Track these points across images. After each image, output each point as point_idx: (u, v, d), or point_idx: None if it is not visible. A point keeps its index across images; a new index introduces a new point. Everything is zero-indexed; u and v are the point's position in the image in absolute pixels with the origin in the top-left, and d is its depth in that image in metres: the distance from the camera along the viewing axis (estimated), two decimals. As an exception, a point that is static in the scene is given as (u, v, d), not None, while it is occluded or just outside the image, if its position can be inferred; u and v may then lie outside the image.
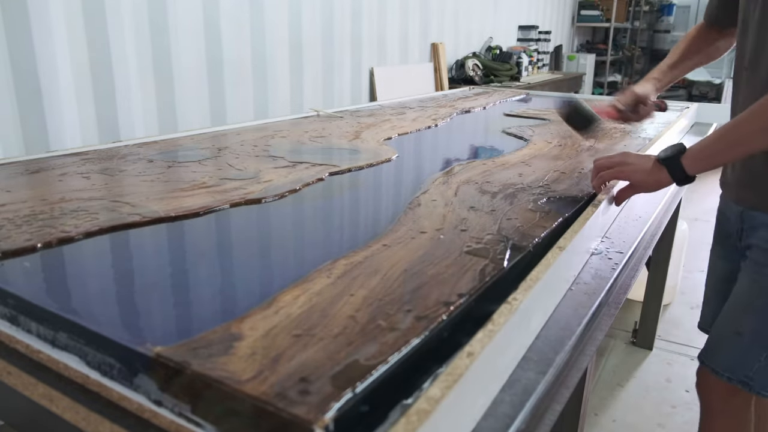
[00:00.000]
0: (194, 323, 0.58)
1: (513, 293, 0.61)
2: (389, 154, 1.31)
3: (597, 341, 0.77)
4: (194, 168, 1.17)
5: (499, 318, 0.55)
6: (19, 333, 0.61)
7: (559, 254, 0.70)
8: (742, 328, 1.17)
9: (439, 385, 0.45)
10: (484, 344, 0.51)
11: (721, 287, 1.30)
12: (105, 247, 0.77)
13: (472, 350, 0.50)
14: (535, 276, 0.64)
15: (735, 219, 1.22)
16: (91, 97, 2.05)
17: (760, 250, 1.15)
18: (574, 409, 0.95)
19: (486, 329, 0.53)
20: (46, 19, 1.86)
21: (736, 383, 1.17)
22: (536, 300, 0.64)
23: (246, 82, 2.67)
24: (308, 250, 0.80)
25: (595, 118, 1.30)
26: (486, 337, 0.52)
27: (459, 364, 0.48)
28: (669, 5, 7.85)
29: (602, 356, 2.22)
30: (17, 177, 1.08)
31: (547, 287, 0.67)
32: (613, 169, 0.98)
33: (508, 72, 4.59)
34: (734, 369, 1.17)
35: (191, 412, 0.48)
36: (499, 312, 0.56)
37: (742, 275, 1.19)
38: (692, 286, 2.83)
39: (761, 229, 1.15)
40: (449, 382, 0.45)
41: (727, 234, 1.27)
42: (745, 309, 1.17)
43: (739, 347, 1.17)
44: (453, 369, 0.47)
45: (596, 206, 0.90)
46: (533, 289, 0.62)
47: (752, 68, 1.11)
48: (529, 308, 0.61)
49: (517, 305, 0.58)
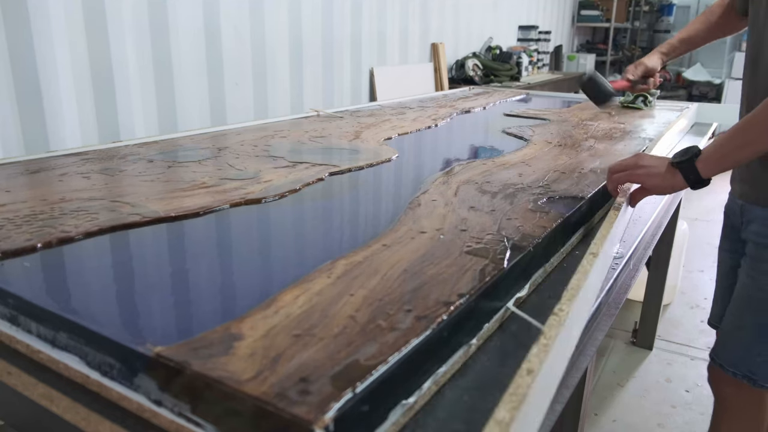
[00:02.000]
0: (194, 323, 0.58)
1: (558, 304, 0.59)
2: (389, 154, 1.31)
3: (597, 341, 0.77)
4: (194, 168, 1.17)
5: (550, 331, 0.54)
6: (20, 333, 0.61)
7: (594, 261, 0.70)
8: (742, 324, 1.19)
9: (505, 406, 0.44)
10: (542, 359, 0.49)
11: (728, 282, 1.31)
12: (105, 247, 0.77)
13: (531, 367, 0.48)
14: (576, 284, 0.63)
15: (738, 213, 1.25)
16: (91, 97, 2.05)
17: (753, 244, 1.18)
18: (574, 409, 0.95)
19: (540, 344, 0.52)
20: (46, 19, 1.86)
21: (741, 378, 1.19)
22: (578, 310, 0.63)
23: (246, 82, 2.67)
24: (308, 250, 0.80)
25: (609, 90, 1.46)
26: (542, 351, 0.51)
27: (521, 382, 0.46)
28: (669, 5, 7.84)
29: (602, 356, 2.22)
30: (17, 177, 1.08)
31: (584, 295, 0.66)
32: (627, 172, 0.97)
33: (508, 72, 4.59)
34: (738, 364, 1.20)
35: (191, 412, 0.48)
36: (549, 324, 0.55)
37: (741, 271, 1.22)
38: (692, 286, 2.83)
39: (754, 223, 1.18)
40: (515, 403, 0.44)
41: (732, 229, 1.30)
42: (744, 305, 1.19)
43: (741, 342, 1.19)
44: (516, 388, 0.46)
45: (618, 209, 0.90)
46: (577, 298, 0.61)
47: (753, 68, 1.14)
48: (573, 318, 0.60)
49: (565, 316, 0.57)
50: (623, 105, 2.25)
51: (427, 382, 0.53)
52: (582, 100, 2.58)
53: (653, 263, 2.23)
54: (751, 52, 1.15)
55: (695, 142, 1.68)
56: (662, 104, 2.26)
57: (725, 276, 1.35)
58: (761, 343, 1.17)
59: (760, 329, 1.16)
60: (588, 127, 1.74)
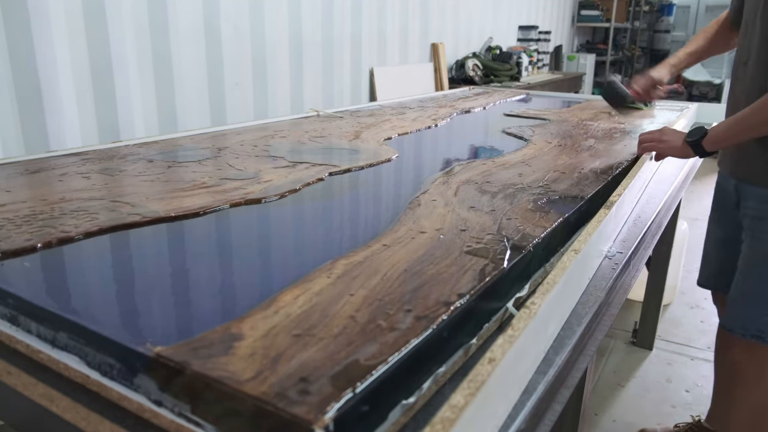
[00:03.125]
0: (194, 323, 0.58)
1: (531, 297, 0.60)
2: (389, 154, 1.31)
3: (597, 341, 0.77)
4: (194, 168, 1.17)
5: (519, 323, 0.54)
6: (20, 333, 0.61)
7: (575, 257, 0.70)
8: (748, 289, 1.34)
9: (462, 392, 0.44)
10: (505, 350, 0.50)
11: (717, 249, 1.54)
12: (105, 247, 0.77)
13: (494, 356, 0.49)
14: (552, 280, 0.64)
15: (732, 191, 1.41)
16: (91, 97, 2.05)
17: (749, 219, 1.34)
18: (574, 409, 0.95)
19: (506, 335, 0.52)
20: (46, 19, 1.86)
21: (751, 338, 1.33)
22: (553, 304, 0.63)
23: (246, 82, 2.67)
24: (308, 250, 0.80)
25: (625, 95, 1.63)
26: (506, 342, 0.51)
27: (481, 370, 0.47)
28: (669, 5, 7.84)
29: (602, 356, 2.22)
30: (17, 177, 1.08)
31: (563, 291, 0.67)
32: (652, 143, 1.29)
33: (508, 72, 4.59)
34: (747, 326, 1.33)
35: (191, 412, 0.48)
36: (518, 317, 0.56)
37: (744, 243, 1.36)
38: (692, 286, 2.81)
39: (751, 200, 1.33)
40: (472, 390, 0.44)
41: (723, 204, 1.48)
42: (747, 272, 1.34)
43: (746, 306, 1.35)
44: (475, 375, 0.46)
45: (609, 208, 0.90)
46: (551, 293, 0.61)
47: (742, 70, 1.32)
48: (547, 313, 0.61)
49: (536, 310, 0.57)
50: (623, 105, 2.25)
51: (427, 382, 0.53)
52: (582, 100, 2.58)
53: (653, 263, 2.23)
54: (740, 56, 1.34)
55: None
56: (662, 104, 2.27)
57: (715, 244, 1.54)
58: (764, 305, 1.31)
59: (764, 292, 1.31)
60: (588, 127, 1.74)
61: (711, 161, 1.66)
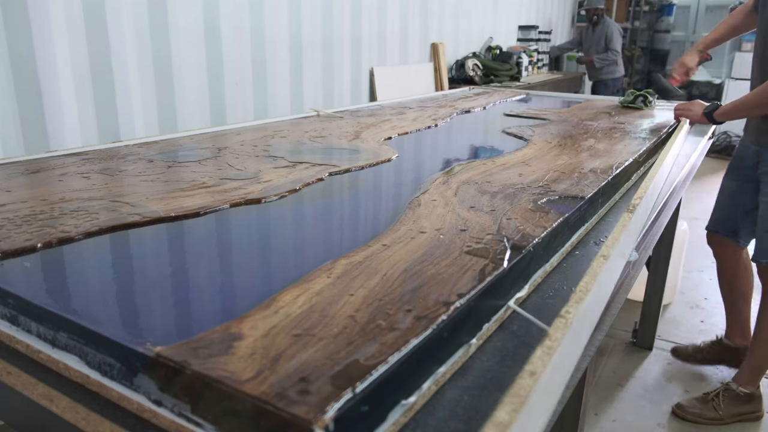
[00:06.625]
0: (194, 323, 0.58)
1: (565, 306, 0.59)
2: (389, 154, 1.31)
3: (597, 341, 0.77)
4: (194, 168, 1.17)
5: (556, 333, 0.54)
6: (19, 333, 0.61)
7: (604, 264, 0.69)
8: None
9: (505, 408, 0.43)
10: (545, 362, 0.48)
11: (728, 200, 1.94)
12: (105, 247, 0.77)
13: (534, 369, 0.47)
14: (585, 287, 0.63)
15: (752, 155, 1.83)
16: (91, 97, 2.05)
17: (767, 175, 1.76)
18: (574, 409, 0.95)
19: (544, 346, 0.51)
20: (46, 19, 1.86)
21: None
22: (586, 312, 0.62)
23: (246, 82, 2.67)
24: (308, 249, 0.80)
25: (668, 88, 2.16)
26: (545, 354, 0.50)
27: (522, 384, 0.45)
28: (669, 5, 7.83)
29: (602, 356, 2.22)
30: (17, 177, 1.08)
31: (595, 298, 0.66)
32: (683, 111, 1.84)
33: (508, 72, 4.59)
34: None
35: (191, 412, 0.48)
36: (555, 326, 0.55)
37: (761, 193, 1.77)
38: (692, 286, 2.83)
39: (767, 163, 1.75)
40: (516, 405, 0.43)
41: (741, 165, 1.89)
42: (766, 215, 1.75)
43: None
44: (517, 390, 0.45)
45: (632, 212, 0.90)
46: (585, 301, 0.60)
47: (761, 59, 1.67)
48: (581, 321, 0.60)
49: (571, 319, 0.56)
50: (623, 105, 2.25)
51: (427, 382, 0.53)
52: (582, 100, 2.58)
53: (653, 263, 2.24)
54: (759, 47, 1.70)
55: (695, 141, 1.71)
56: (662, 104, 2.27)
57: (728, 195, 1.94)
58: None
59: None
60: (588, 127, 1.74)
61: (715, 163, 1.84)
